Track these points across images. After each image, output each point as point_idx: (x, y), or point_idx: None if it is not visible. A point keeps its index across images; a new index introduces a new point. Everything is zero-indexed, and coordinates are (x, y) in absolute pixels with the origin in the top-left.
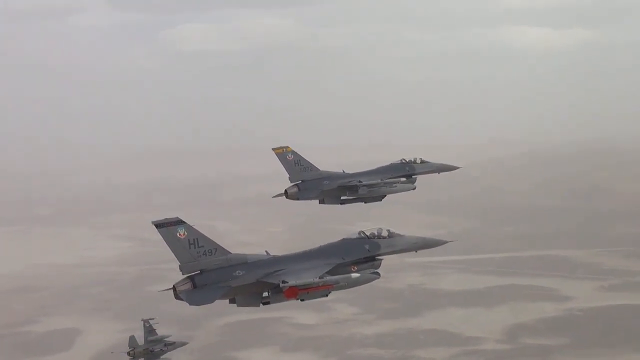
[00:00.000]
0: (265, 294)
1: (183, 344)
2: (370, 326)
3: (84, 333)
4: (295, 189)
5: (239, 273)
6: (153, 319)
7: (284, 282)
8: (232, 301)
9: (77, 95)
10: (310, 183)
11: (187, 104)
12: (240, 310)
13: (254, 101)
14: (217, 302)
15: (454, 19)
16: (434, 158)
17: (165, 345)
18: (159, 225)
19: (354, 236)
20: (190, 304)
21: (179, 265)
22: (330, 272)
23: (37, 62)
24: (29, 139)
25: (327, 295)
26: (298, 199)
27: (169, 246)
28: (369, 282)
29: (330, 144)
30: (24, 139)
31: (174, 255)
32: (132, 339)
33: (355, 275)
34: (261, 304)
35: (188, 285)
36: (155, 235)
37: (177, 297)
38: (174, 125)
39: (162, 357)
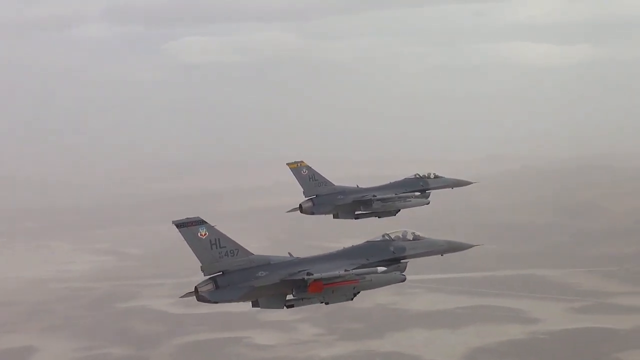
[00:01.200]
0: (290, 296)
1: None
2: (330, 348)
3: (39, 352)
4: (310, 204)
5: (262, 274)
6: None
7: (308, 274)
8: (255, 304)
9: (78, 106)
10: (324, 198)
11: (190, 115)
12: (198, 330)
13: (256, 113)
14: (178, 319)
15: (455, 34)
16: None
17: None
18: (179, 225)
19: (379, 239)
20: (212, 301)
21: (201, 267)
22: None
23: (37, 73)
24: (31, 148)
25: (352, 299)
26: (313, 213)
27: (190, 247)
28: (395, 282)
29: (331, 157)
30: (23, 148)
31: (186, 258)
32: None
33: (381, 269)
34: (285, 307)
35: (210, 286)
36: (136, 249)
37: (198, 298)
38: (176, 137)
39: None
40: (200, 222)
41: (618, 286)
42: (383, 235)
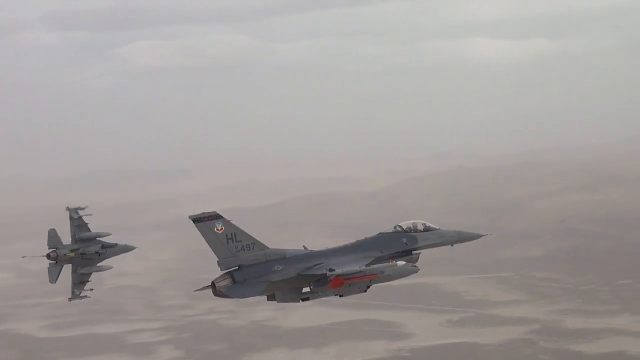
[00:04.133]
0: (306, 289)
1: (128, 248)
2: None
3: None
4: (228, 281)
5: (278, 268)
6: (83, 208)
7: (330, 269)
8: (270, 297)
9: (18, 116)
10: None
11: (139, 123)
12: (56, 356)
13: (206, 119)
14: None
15: (409, 32)
16: (358, 177)
17: (102, 247)
18: (196, 219)
19: (390, 230)
20: (233, 297)
21: (217, 261)
22: (369, 264)
23: None
24: None
25: (365, 291)
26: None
27: (206, 241)
28: (410, 274)
29: (280, 159)
30: None
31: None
32: (52, 234)
33: (401, 263)
34: (301, 300)
35: (227, 281)
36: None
37: (216, 293)
38: (122, 145)
39: (99, 264)
40: (217, 217)
41: (506, 294)
42: (395, 227)
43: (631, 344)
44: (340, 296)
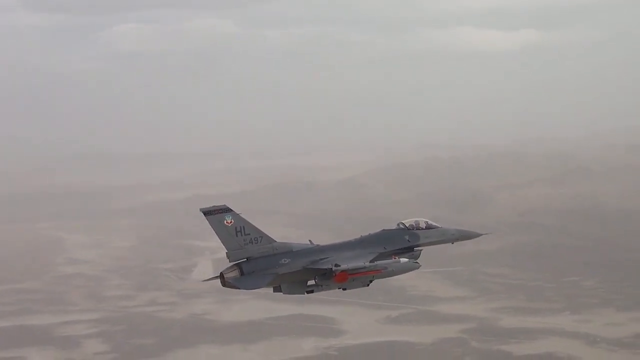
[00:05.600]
0: (311, 282)
1: None
2: None
3: None
4: (236, 272)
5: (285, 261)
6: None
7: (336, 265)
8: (276, 289)
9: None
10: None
11: (120, 107)
12: None
13: (187, 105)
14: None
15: (400, 21)
16: (330, 166)
17: None
18: (207, 212)
19: (394, 227)
20: (241, 289)
21: (226, 253)
22: (372, 260)
23: None
24: None
25: (368, 285)
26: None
27: (216, 233)
28: (412, 270)
29: (257, 148)
30: None
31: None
32: None
33: (404, 260)
34: (306, 292)
35: (236, 273)
36: None
37: (224, 284)
38: (103, 128)
39: None
40: (227, 210)
41: (451, 290)
42: (398, 224)
43: (563, 345)
44: (344, 289)
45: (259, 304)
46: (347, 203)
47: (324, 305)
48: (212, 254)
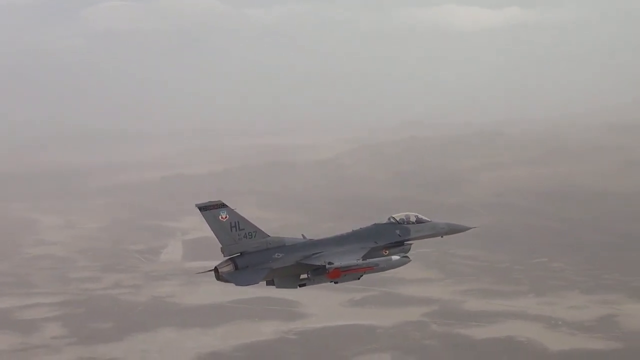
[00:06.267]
0: (304, 275)
1: None
2: (55, 354)
3: None
4: (231, 267)
5: (278, 255)
6: None
7: (329, 263)
8: (269, 283)
9: None
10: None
11: (101, 85)
12: None
13: (170, 83)
14: None
15: None
16: (308, 145)
17: None
18: (202, 208)
19: (385, 221)
20: (236, 285)
21: (221, 247)
22: (364, 256)
23: None
24: None
25: (359, 279)
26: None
27: (211, 229)
28: (403, 265)
29: (243, 129)
30: None
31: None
32: None
33: (395, 257)
34: (298, 286)
35: (230, 267)
36: None
37: (218, 278)
38: (83, 107)
39: None
40: (222, 206)
41: (419, 272)
42: (389, 218)
43: (523, 329)
44: (336, 282)
45: (225, 287)
46: (325, 183)
47: (294, 289)
48: (184, 234)
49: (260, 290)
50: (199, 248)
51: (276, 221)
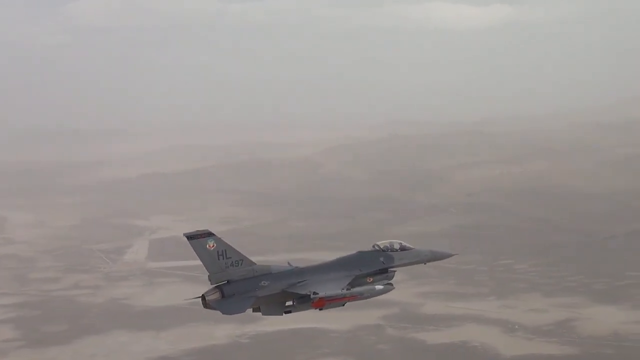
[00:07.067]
0: (289, 303)
1: None
2: (3, 358)
3: None
4: (218, 295)
5: (264, 283)
6: None
7: (314, 293)
8: (256, 310)
9: None
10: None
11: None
12: None
13: (154, 79)
14: None
15: None
16: (286, 143)
17: None
18: (190, 237)
19: (369, 249)
20: (223, 313)
21: (208, 275)
22: (349, 284)
23: None
24: None
25: (343, 305)
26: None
27: (198, 257)
28: (386, 292)
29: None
30: None
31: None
32: None
33: (379, 287)
34: (284, 313)
35: (217, 295)
36: None
37: (205, 306)
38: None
39: None
40: (209, 235)
41: None
42: (373, 246)
43: (480, 333)
44: (320, 309)
45: (184, 289)
46: (300, 182)
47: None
48: (152, 233)
49: None
50: (165, 247)
51: (250, 220)
